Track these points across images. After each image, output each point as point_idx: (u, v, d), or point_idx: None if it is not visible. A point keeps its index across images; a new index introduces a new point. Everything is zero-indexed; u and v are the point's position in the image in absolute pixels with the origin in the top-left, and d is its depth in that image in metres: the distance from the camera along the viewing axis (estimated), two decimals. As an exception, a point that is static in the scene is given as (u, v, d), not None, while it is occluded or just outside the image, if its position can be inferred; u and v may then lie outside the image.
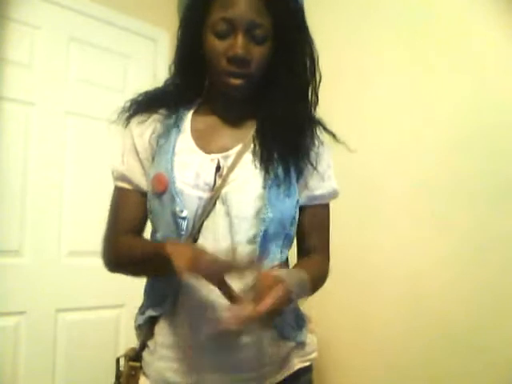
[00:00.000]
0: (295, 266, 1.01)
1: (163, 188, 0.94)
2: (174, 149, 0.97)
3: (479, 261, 1.56)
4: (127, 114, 1.03)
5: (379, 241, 1.82)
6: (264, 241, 0.94)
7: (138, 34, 2.40)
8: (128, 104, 1.04)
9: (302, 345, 1.02)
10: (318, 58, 1.01)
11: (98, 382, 2.09)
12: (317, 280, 0.99)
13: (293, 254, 1.06)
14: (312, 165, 1.00)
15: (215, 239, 0.93)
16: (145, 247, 0.98)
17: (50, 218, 2.05)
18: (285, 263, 1.03)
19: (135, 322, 1.02)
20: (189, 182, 0.94)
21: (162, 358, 0.96)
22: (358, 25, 1.96)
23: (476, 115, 1.60)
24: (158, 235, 1.00)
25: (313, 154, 1.01)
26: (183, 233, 0.93)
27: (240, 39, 0.91)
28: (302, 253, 1.06)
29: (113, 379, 1.03)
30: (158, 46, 2.42)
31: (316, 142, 1.03)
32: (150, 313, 0.98)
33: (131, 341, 1.07)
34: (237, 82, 0.94)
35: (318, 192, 1.04)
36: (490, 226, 1.55)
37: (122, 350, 1.05)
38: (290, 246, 1.04)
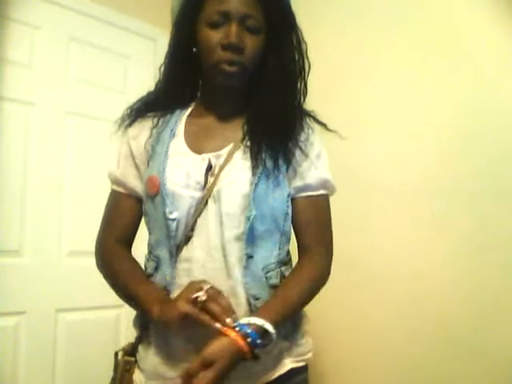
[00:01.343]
0: (276, 292, 0.97)
1: (155, 190, 0.97)
2: (167, 152, 1.00)
3: (479, 261, 1.55)
4: (127, 122, 1.06)
5: (379, 241, 1.82)
6: (252, 238, 0.95)
7: (138, 34, 2.40)
8: (127, 112, 1.07)
9: (295, 344, 1.02)
10: (307, 48, 1.04)
11: (98, 381, 2.09)
12: (306, 293, 0.99)
13: (294, 255, 1.06)
14: (302, 153, 1.01)
15: (207, 237, 0.95)
16: (133, 290, 0.99)
17: (50, 218, 2.05)
18: (287, 261, 1.04)
19: (135, 321, 1.04)
20: (179, 182, 0.96)
21: (156, 352, 0.97)
22: (355, 24, 1.96)
23: (476, 115, 1.60)
24: (152, 238, 1.02)
25: (302, 144, 1.02)
26: (172, 234, 0.96)
27: (234, 28, 0.96)
28: (300, 250, 1.05)
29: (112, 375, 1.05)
30: (158, 46, 2.41)
31: (305, 133, 1.04)
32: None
33: (131, 341, 1.07)
34: (232, 69, 0.98)
35: (306, 180, 1.02)
36: (491, 227, 1.54)
37: (122, 350, 1.07)
38: (288, 242, 1.04)
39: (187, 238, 0.96)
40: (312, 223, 1.03)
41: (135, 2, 2.39)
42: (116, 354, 1.04)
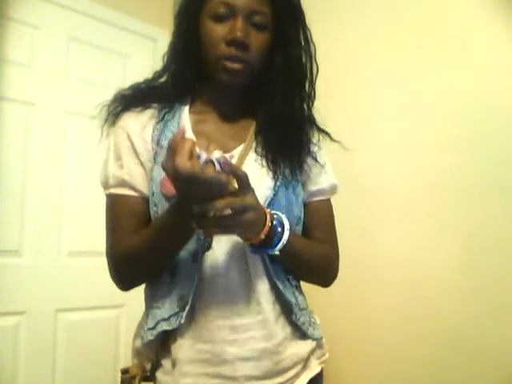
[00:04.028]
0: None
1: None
2: None
3: (481, 264, 1.55)
4: (116, 110, 0.99)
5: (380, 244, 1.81)
6: None
7: (138, 33, 2.40)
8: (115, 98, 1.00)
9: (320, 343, 1.02)
10: (315, 51, 1.00)
11: (98, 381, 2.10)
12: (317, 259, 0.99)
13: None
14: (314, 160, 1.01)
15: (228, 239, 0.91)
16: (153, 225, 0.92)
17: (49, 218, 2.05)
18: None
19: (142, 339, 0.93)
20: None
21: (184, 374, 0.90)
22: (355, 22, 1.95)
23: (479, 116, 1.59)
24: None
25: (313, 153, 1.02)
26: (195, 237, 0.91)
27: (240, 22, 0.90)
28: None
29: (112, 380, 1.01)
30: (158, 45, 2.42)
31: (314, 141, 1.04)
32: (165, 327, 0.90)
33: (131, 341, 1.05)
34: (235, 66, 0.92)
35: (318, 187, 1.03)
36: (492, 230, 1.53)
37: (122, 350, 1.04)
38: None
39: (207, 242, 0.91)
40: (322, 225, 1.04)
41: (135, 2, 2.40)
42: (122, 371, 0.97)
